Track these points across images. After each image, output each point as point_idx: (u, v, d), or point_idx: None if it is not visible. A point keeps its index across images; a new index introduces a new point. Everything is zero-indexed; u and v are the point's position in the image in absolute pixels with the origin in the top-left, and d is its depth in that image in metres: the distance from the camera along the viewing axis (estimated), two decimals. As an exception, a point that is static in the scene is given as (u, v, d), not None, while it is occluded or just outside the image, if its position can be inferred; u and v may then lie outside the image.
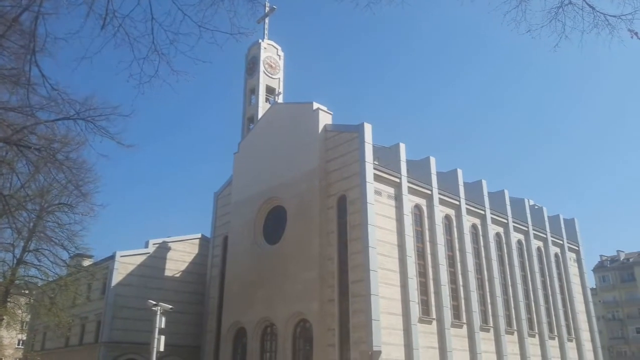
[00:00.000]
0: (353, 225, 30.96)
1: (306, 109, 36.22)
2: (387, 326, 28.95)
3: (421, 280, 32.80)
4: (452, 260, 36.03)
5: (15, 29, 9.76)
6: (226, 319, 36.84)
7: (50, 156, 14.74)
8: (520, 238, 43.96)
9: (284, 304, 32.67)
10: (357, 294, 29.26)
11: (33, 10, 8.27)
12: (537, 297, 42.51)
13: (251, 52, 45.49)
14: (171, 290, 40.69)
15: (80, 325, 41.52)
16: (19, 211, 23.70)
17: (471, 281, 36.05)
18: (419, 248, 33.76)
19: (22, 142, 14.08)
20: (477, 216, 39.90)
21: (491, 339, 36.30)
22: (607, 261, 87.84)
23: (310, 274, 31.71)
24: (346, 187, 32.21)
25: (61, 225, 29.63)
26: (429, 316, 32.24)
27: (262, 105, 42.78)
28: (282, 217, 35.63)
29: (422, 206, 35.16)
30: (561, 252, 48.60)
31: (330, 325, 30.14)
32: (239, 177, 40.47)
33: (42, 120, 13.76)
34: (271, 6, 43.01)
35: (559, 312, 44.47)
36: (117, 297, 39.14)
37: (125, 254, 40.78)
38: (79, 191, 24.30)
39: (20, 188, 23.75)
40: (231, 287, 37.55)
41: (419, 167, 36.90)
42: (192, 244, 44.75)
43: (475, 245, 38.77)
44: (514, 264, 41.39)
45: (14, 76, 11.87)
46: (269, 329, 34.41)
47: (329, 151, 34.17)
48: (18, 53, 11.28)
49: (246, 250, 37.22)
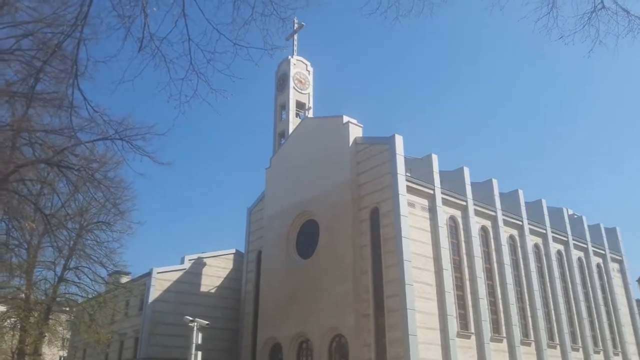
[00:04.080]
0: (387, 238, 30.65)
1: (336, 122, 36.28)
2: (425, 341, 28.39)
3: (458, 294, 32.13)
4: (490, 273, 35.20)
5: (57, 55, 10.09)
6: (261, 335, 36.82)
7: (89, 176, 15.11)
8: (559, 248, 42.69)
9: (318, 319, 32.46)
10: (393, 308, 28.85)
11: (74, 36, 8.51)
12: (579, 309, 41.08)
13: (281, 68, 45.98)
14: (207, 305, 40.94)
15: (118, 341, 42.17)
16: (60, 230, 24.33)
17: (510, 294, 35.11)
18: (455, 261, 33.12)
19: (62, 163, 14.48)
20: (515, 227, 38.96)
21: (533, 353, 35.17)
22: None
23: (344, 288, 31.47)
24: (378, 199, 31.97)
25: (100, 243, 30.38)
26: (468, 330, 31.47)
27: (293, 121, 43.06)
28: (315, 230, 35.58)
29: (457, 218, 34.57)
30: (603, 263, 46.94)
31: (366, 340, 29.74)
32: (271, 192, 40.70)
33: (82, 141, 14.14)
34: (300, 23, 43.49)
35: (603, 325, 42.82)
36: (154, 314, 39.61)
37: (161, 270, 41.32)
38: (116, 209, 24.98)
39: (61, 207, 24.49)
40: (266, 302, 37.57)
41: (453, 178, 36.37)
42: (226, 259, 45.07)
43: (513, 256, 37.83)
44: (554, 276, 40.17)
45: (56, 100, 12.26)
46: (305, 344, 34.19)
47: (360, 164, 34.05)
48: (59, 77, 11.67)
49: (280, 265, 37.26)
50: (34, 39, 11.61)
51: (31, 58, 11.55)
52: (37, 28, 11.40)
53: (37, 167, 15.40)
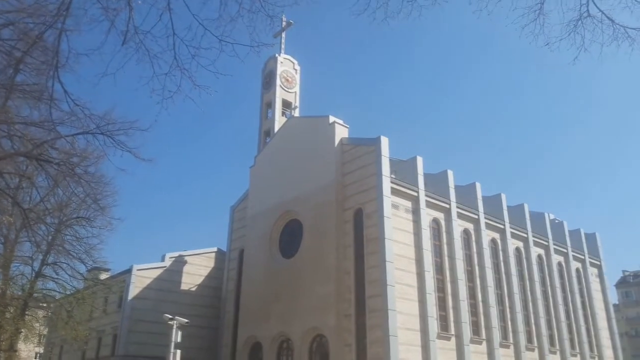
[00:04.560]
0: (370, 239, 30.68)
1: (322, 122, 36.21)
2: (405, 342, 28.48)
3: (439, 296, 32.31)
4: (471, 275, 35.47)
5: (38, 45, 9.86)
6: (242, 334, 36.60)
7: (69, 170, 14.83)
8: (540, 253, 43.18)
9: (299, 319, 32.37)
10: (374, 309, 28.89)
11: (56, 27, 8.31)
12: (558, 313, 41.61)
13: (268, 66, 45.75)
14: (187, 304, 40.60)
15: (96, 338, 41.58)
16: (38, 225, 23.87)
17: (491, 296, 35.41)
18: (437, 262, 33.30)
19: (42, 157, 14.19)
20: (497, 230, 39.30)
21: (511, 356, 35.51)
22: (629, 276, 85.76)
23: (326, 288, 31.43)
24: (363, 200, 31.99)
25: (79, 238, 29.84)
26: (448, 332, 31.67)
27: (279, 119, 42.87)
28: (298, 230, 35.47)
29: (440, 220, 34.76)
30: (582, 268, 47.63)
31: (347, 340, 29.75)
32: (255, 191, 40.49)
33: (63, 135, 13.86)
34: (288, 21, 43.28)
35: (580, 329, 43.46)
36: (133, 311, 39.14)
37: (142, 267, 40.86)
38: (97, 205, 24.61)
39: (40, 202, 23.96)
40: (247, 301, 37.36)
41: (437, 181, 36.56)
42: (208, 257, 44.73)
43: (494, 260, 38.15)
44: (534, 279, 40.63)
45: (36, 92, 11.99)
46: (285, 344, 34.07)
47: (345, 164, 34.04)
48: (40, 69, 11.41)
49: (262, 264, 37.07)
50: (15, 28, 11.34)
51: (11, 48, 11.29)
52: (18, 18, 11.13)
53: (16, 160, 15.10)
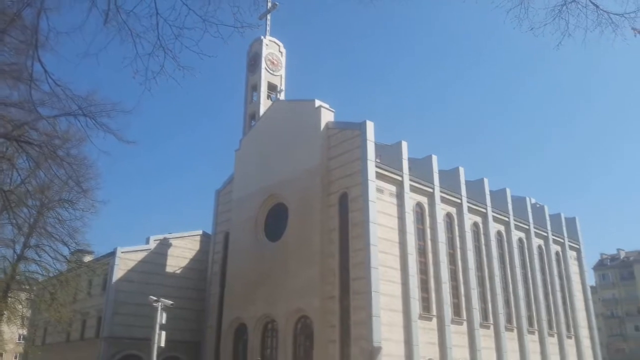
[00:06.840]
0: (354, 223, 30.93)
1: (308, 106, 36.12)
2: (388, 323, 28.97)
3: (422, 278, 32.81)
4: (453, 258, 36.03)
5: (17, 24, 9.68)
6: (227, 315, 36.86)
7: (51, 152, 14.68)
8: (521, 236, 43.94)
9: (284, 301, 32.67)
10: (358, 291, 29.28)
11: (35, 5, 8.17)
12: (537, 294, 42.52)
13: (253, 48, 45.27)
14: (172, 286, 40.64)
15: (81, 320, 41.55)
16: (20, 207, 23.58)
17: (472, 279, 36.05)
18: (420, 246, 33.74)
19: (22, 138, 14.02)
20: (479, 214, 39.85)
21: (491, 336, 36.34)
22: (607, 259, 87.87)
23: (311, 271, 31.71)
24: (348, 184, 32.15)
25: (62, 221, 29.45)
26: (430, 313, 32.26)
27: (264, 102, 42.62)
28: (284, 214, 35.60)
29: (423, 204, 35.12)
30: (562, 251, 48.58)
31: (331, 321, 30.16)
32: (240, 174, 40.41)
33: (44, 116, 13.67)
34: (273, 2, 42.80)
35: (559, 310, 44.51)
36: (118, 293, 39.13)
37: (126, 250, 40.77)
38: (79, 187, 24.22)
39: (21, 184, 23.60)
40: (232, 284, 37.54)
41: (421, 166, 36.84)
42: (193, 240, 44.71)
43: (476, 243, 38.76)
44: (514, 262, 41.39)
45: (15, 72, 11.79)
46: (270, 325, 34.42)
47: (331, 149, 34.10)
48: (19, 48, 11.19)
49: (247, 247, 37.19)
50: (-9, 6, 11.08)
51: (-12, 27, 11.03)
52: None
53: (-5, 141, 14.87)
